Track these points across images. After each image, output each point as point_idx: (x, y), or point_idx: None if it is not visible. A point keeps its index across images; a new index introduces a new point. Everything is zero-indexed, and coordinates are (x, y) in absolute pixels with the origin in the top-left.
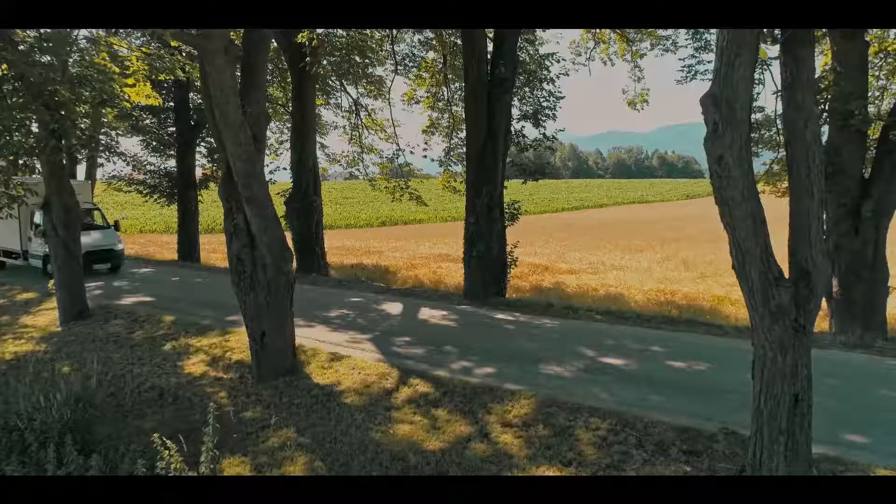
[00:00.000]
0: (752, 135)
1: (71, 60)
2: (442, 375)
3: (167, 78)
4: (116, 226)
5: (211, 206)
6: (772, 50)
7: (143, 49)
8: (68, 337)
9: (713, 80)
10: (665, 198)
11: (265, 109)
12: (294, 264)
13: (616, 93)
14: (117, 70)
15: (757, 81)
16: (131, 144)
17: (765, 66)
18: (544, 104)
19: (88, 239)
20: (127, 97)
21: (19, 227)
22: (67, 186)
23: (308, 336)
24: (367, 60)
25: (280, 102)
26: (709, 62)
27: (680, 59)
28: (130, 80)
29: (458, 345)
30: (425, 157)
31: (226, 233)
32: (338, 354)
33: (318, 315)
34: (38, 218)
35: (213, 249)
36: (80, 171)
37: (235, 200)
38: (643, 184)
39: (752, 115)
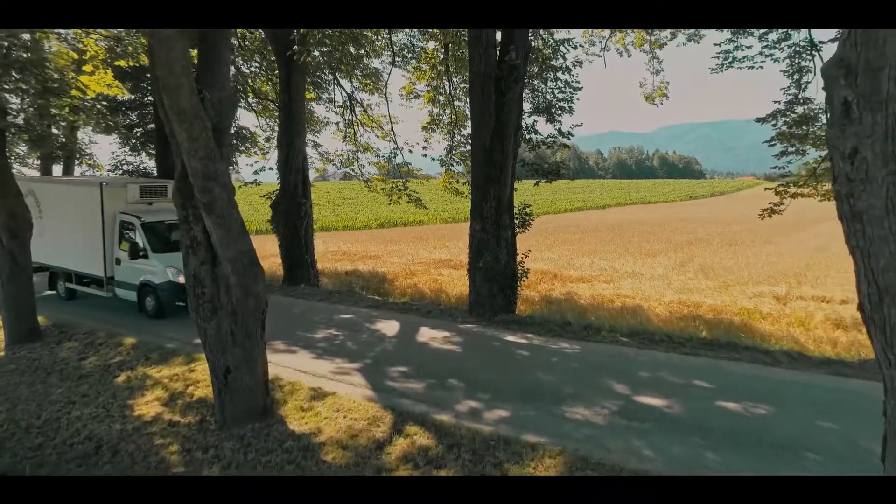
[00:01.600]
0: (795, 130)
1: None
2: (445, 421)
3: (131, 65)
4: None
5: None
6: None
7: (101, 31)
8: (8, 365)
9: (843, 41)
10: (668, 198)
11: (231, 95)
12: (275, 281)
13: (616, 93)
14: (74, 56)
15: (805, 69)
16: (107, 143)
17: (814, 50)
18: (559, 96)
19: None
20: (83, 86)
21: (102, 243)
22: (12, 188)
23: (287, 365)
24: (362, 52)
25: (270, 97)
26: (748, 47)
27: (715, 45)
28: (88, 67)
29: (463, 377)
30: (425, 156)
31: (181, 247)
32: (321, 390)
33: (302, 337)
34: (130, 228)
35: None
36: (57, 170)
37: (192, 207)
38: (645, 184)
39: (795, 109)
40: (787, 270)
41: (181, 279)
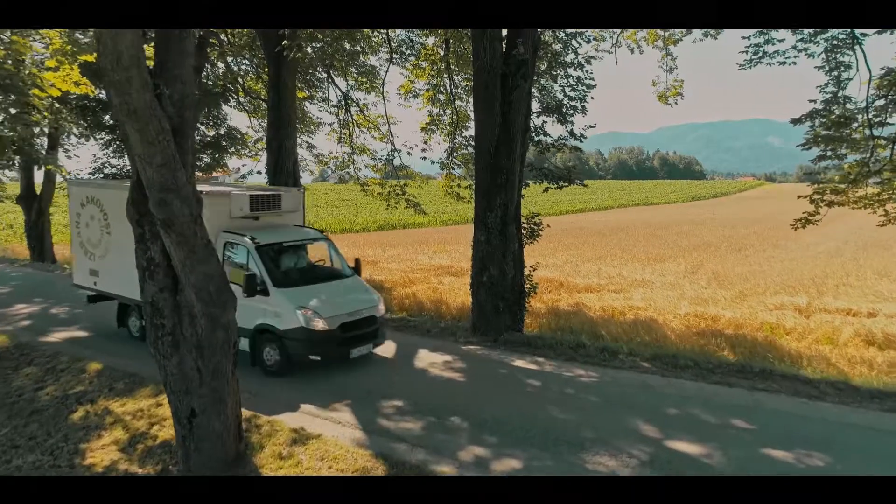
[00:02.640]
0: (832, 132)
1: None
2: (448, 474)
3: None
4: (357, 267)
5: None
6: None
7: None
8: None
9: None
10: (670, 199)
11: (194, 92)
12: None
13: (615, 93)
14: (38, 49)
15: (843, 65)
16: (91, 143)
17: (855, 42)
18: (571, 94)
19: (334, 305)
20: (44, 83)
21: None
22: None
23: (268, 397)
24: (357, 48)
25: (262, 96)
26: (780, 41)
27: (744, 38)
28: (52, 63)
29: (467, 414)
30: (424, 158)
31: (138, 269)
32: (303, 432)
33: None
34: (237, 253)
35: None
36: (38, 174)
37: (149, 224)
38: (647, 185)
39: (833, 108)
40: (803, 278)
41: (318, 324)
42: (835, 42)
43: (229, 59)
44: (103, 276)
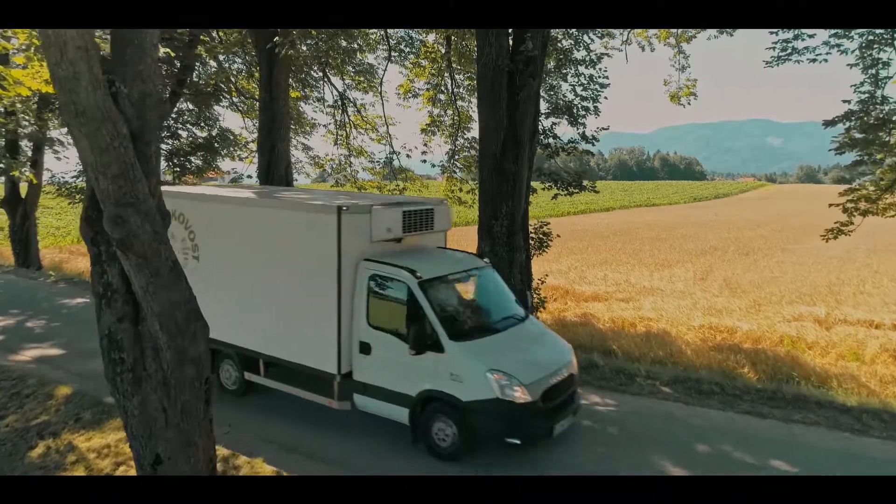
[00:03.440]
0: (865, 136)
1: None
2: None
3: None
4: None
5: None
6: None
7: None
8: None
9: None
10: (672, 200)
11: (157, 90)
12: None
13: (614, 93)
14: (8, 46)
15: (880, 63)
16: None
17: (894, 38)
18: (582, 94)
19: (530, 364)
20: (12, 83)
21: (336, 316)
22: None
23: (249, 430)
24: (354, 45)
25: (256, 96)
26: (810, 36)
27: (771, 34)
28: (20, 59)
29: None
30: (424, 161)
31: (94, 296)
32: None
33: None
34: (388, 292)
35: None
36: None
37: (105, 243)
38: (648, 185)
39: (868, 109)
40: (818, 286)
41: (518, 395)
42: (871, 38)
43: (221, 56)
44: None
